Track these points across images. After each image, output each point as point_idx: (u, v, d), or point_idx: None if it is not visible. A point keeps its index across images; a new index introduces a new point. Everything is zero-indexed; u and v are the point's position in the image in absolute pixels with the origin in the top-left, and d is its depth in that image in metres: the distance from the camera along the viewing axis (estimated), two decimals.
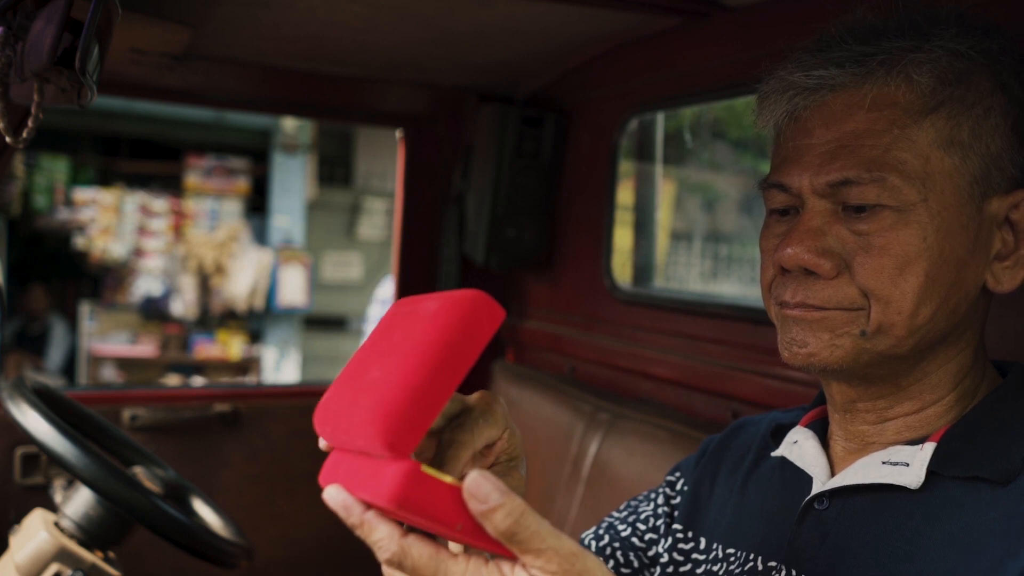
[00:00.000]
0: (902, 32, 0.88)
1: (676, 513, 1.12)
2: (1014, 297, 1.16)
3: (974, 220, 0.87)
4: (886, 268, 0.85)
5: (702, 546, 1.04)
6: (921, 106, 0.86)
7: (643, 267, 2.32)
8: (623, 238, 2.22)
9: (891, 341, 0.87)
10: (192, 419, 2.26)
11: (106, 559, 1.52)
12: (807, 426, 1.02)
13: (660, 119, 2.30)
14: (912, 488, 0.87)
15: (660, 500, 1.13)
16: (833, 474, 0.95)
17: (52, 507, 1.61)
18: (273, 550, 2.36)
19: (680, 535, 1.08)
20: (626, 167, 2.23)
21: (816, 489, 0.94)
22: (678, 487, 1.14)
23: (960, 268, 0.87)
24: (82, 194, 7.84)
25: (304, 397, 2.44)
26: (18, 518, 1.61)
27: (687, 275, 6.81)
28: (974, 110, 0.86)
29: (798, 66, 0.90)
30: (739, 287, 6.63)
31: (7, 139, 1.09)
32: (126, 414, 2.18)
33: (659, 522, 1.12)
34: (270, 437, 2.36)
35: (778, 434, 1.05)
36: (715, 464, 1.11)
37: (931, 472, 0.87)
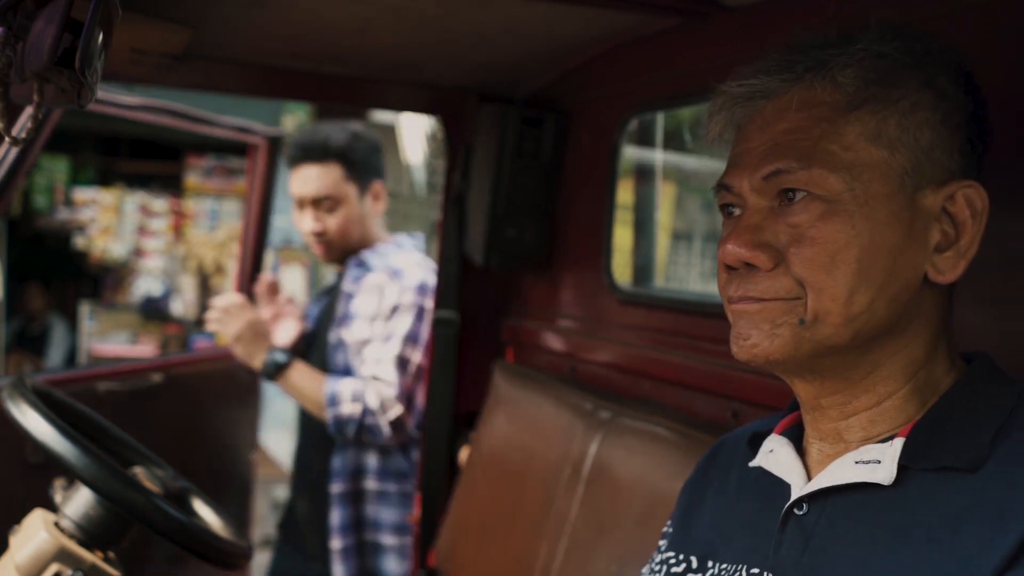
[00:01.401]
0: (830, 42, 0.94)
1: (663, 543, 1.13)
2: (994, 293, 1.17)
3: (906, 211, 0.90)
4: (818, 257, 0.90)
5: (695, 565, 1.05)
6: (846, 103, 0.91)
7: (643, 267, 2.32)
8: (623, 238, 2.22)
9: (829, 329, 0.90)
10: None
11: (106, 559, 1.52)
12: (782, 433, 1.03)
13: (660, 119, 2.30)
14: (886, 484, 0.89)
15: (655, 556, 1.14)
16: (810, 479, 0.97)
17: (52, 507, 1.61)
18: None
19: (672, 560, 1.09)
20: (626, 167, 2.23)
21: (794, 495, 0.96)
22: (666, 529, 1.16)
23: (894, 257, 0.90)
24: (82, 194, 7.83)
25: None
26: (34, 506, 1.62)
27: (687, 275, 6.81)
28: (899, 105, 0.90)
29: (735, 79, 0.97)
30: None
31: (6, 138, 1.09)
32: (102, 387, 2.30)
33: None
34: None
35: (755, 443, 1.07)
36: (703, 485, 1.13)
37: (902, 467, 0.89)
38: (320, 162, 2.68)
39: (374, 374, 2.55)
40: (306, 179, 2.69)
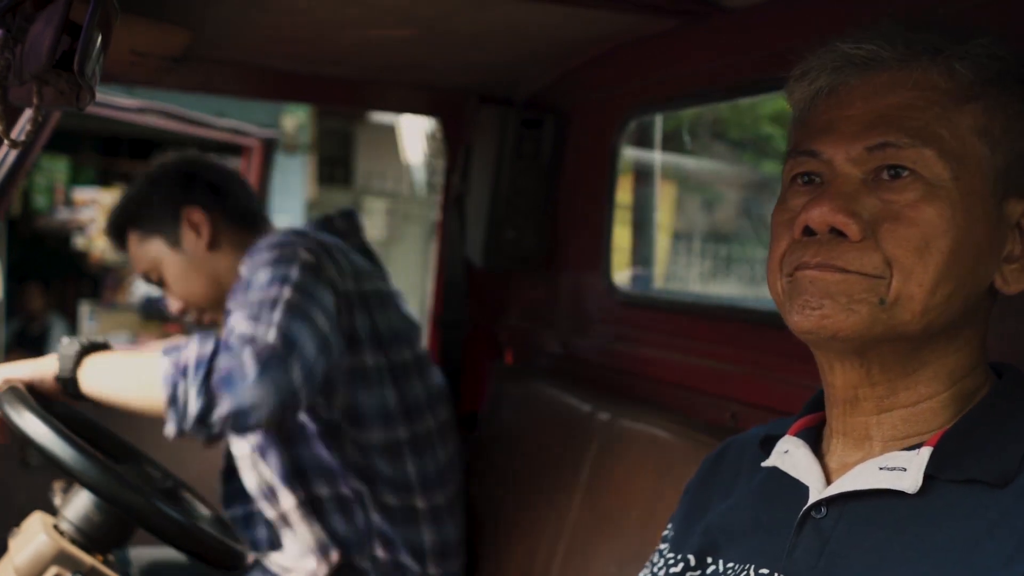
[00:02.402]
0: (946, 31, 0.91)
1: (664, 546, 1.12)
2: (1014, 298, 1.17)
3: (993, 213, 0.89)
4: (912, 238, 0.86)
5: (692, 563, 1.04)
6: (961, 94, 0.89)
7: (642, 268, 2.32)
8: (622, 239, 2.22)
9: (907, 315, 0.87)
10: None
11: (105, 562, 1.52)
12: (796, 435, 1.01)
13: (659, 120, 2.30)
14: (910, 493, 0.87)
15: (655, 558, 1.13)
16: (828, 483, 0.95)
17: (51, 509, 1.61)
18: None
19: (671, 559, 1.08)
20: (625, 168, 2.23)
21: (813, 498, 0.94)
22: (666, 532, 1.14)
23: (978, 255, 0.88)
24: (82, 194, 7.84)
25: None
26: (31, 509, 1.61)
27: (687, 275, 6.82)
28: (1008, 108, 0.89)
29: (848, 40, 0.92)
30: (739, 287, 6.64)
31: (5, 141, 1.09)
32: None
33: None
34: None
35: (767, 445, 1.05)
36: (707, 486, 1.11)
37: (928, 476, 0.87)
38: (119, 239, 2.17)
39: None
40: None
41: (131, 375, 1.70)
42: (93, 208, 7.73)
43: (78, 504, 1.52)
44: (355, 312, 1.90)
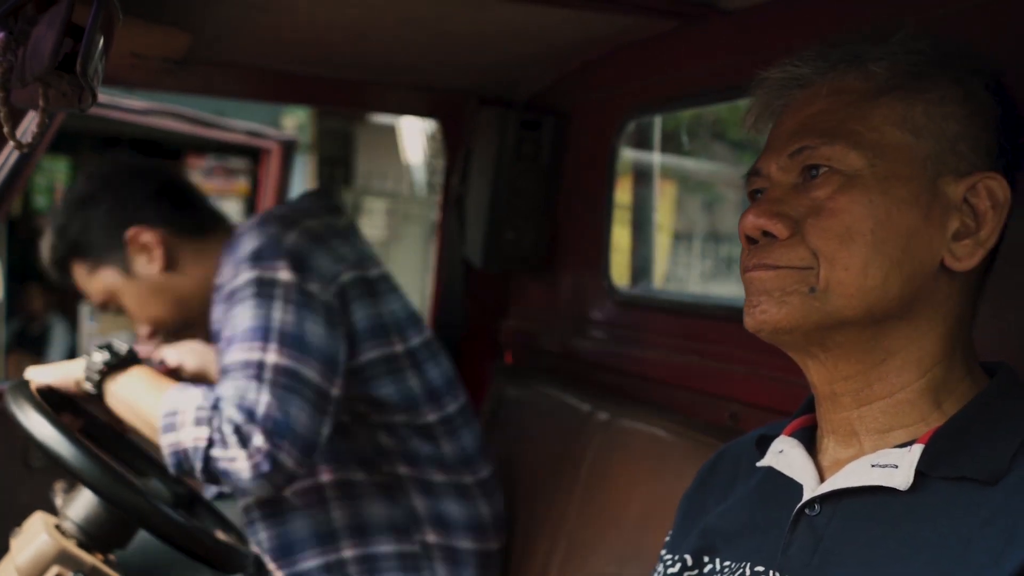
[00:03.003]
0: (866, 38, 0.98)
1: (663, 551, 1.13)
2: (1011, 294, 1.17)
3: (926, 194, 0.92)
4: (833, 228, 0.92)
5: (689, 563, 1.05)
6: (876, 91, 0.95)
7: (641, 268, 2.32)
8: (621, 240, 2.22)
9: (841, 300, 0.91)
10: None
11: (107, 562, 1.53)
12: (791, 435, 1.03)
13: (658, 121, 2.31)
14: (901, 490, 0.89)
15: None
16: (822, 481, 0.96)
17: (53, 510, 1.62)
18: None
19: (669, 560, 1.09)
20: (624, 169, 2.24)
21: (807, 496, 0.95)
22: (667, 540, 1.16)
23: (909, 236, 0.91)
24: None
25: None
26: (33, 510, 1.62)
27: (687, 275, 6.82)
28: (927, 95, 0.94)
29: (775, 68, 1.01)
30: (738, 288, 6.64)
31: (12, 143, 1.10)
32: None
33: None
34: None
35: (762, 444, 1.07)
36: (702, 494, 1.13)
37: (920, 473, 0.89)
38: (63, 272, 2.01)
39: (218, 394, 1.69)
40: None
41: (146, 423, 1.69)
42: None
43: (80, 504, 1.53)
44: (357, 303, 1.80)
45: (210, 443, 1.60)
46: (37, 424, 1.46)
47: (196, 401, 1.63)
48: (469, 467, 1.91)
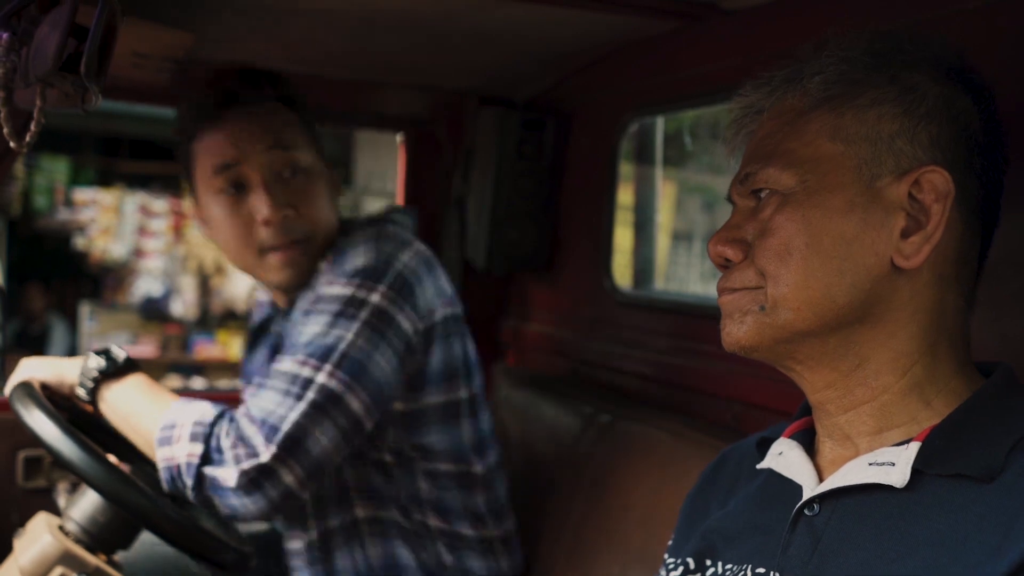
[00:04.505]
0: (807, 52, 1.01)
1: (666, 555, 1.14)
2: (1013, 297, 1.17)
3: (862, 198, 0.94)
4: (773, 247, 0.95)
5: (692, 566, 1.06)
6: (810, 106, 0.97)
7: (643, 269, 2.32)
8: (623, 240, 2.22)
9: (789, 315, 0.95)
10: None
11: (110, 562, 1.53)
12: (791, 437, 1.05)
13: (660, 121, 2.31)
14: (898, 487, 0.90)
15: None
16: (821, 481, 0.98)
17: (56, 510, 1.62)
18: None
19: (671, 564, 1.10)
20: (626, 169, 2.24)
21: (806, 496, 0.97)
22: (671, 543, 1.16)
23: (848, 243, 0.93)
24: (82, 194, 7.83)
25: None
26: (22, 521, 1.62)
27: (688, 276, 6.82)
28: (858, 101, 0.96)
29: (735, 98, 1.05)
30: None
31: (11, 144, 1.10)
32: None
33: None
34: None
35: (763, 447, 1.08)
36: (705, 496, 1.14)
37: (916, 471, 0.89)
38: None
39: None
40: None
41: (139, 435, 1.62)
42: (93, 208, 7.73)
43: (83, 505, 1.53)
44: (440, 343, 1.72)
45: (204, 459, 1.53)
46: (41, 424, 1.46)
47: (195, 416, 1.57)
48: (498, 519, 1.83)
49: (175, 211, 7.85)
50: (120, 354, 1.66)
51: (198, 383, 6.82)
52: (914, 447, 0.90)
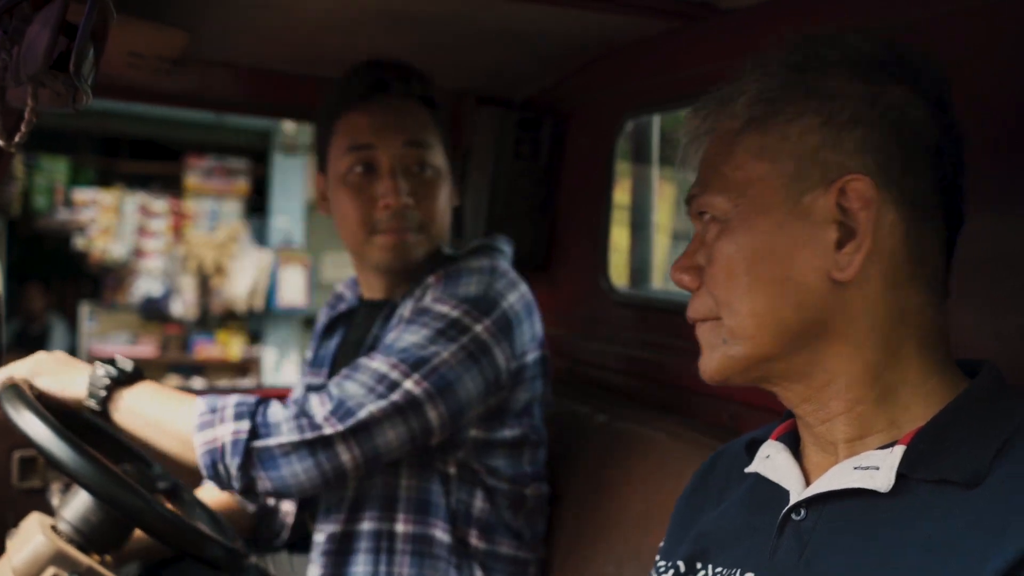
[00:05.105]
0: (744, 70, 0.98)
1: (658, 558, 1.13)
2: (1008, 297, 1.17)
3: (792, 216, 0.92)
4: (718, 274, 0.95)
5: (683, 569, 1.05)
6: (739, 127, 0.96)
7: (640, 269, 2.32)
8: (620, 240, 2.22)
9: (748, 344, 0.94)
10: None
11: (103, 563, 1.52)
12: (778, 439, 1.03)
13: (656, 120, 2.30)
14: (883, 492, 0.88)
15: None
16: (808, 484, 0.97)
17: (50, 511, 1.61)
18: None
19: (662, 567, 1.09)
20: (623, 169, 2.24)
21: (792, 500, 0.96)
22: (662, 544, 1.15)
23: (784, 263, 0.92)
24: (82, 194, 7.84)
25: None
26: (17, 522, 1.61)
27: None
28: (779, 117, 0.94)
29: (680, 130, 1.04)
30: None
31: (1, 142, 1.10)
32: None
33: None
34: None
35: (752, 449, 1.07)
36: (698, 497, 1.13)
37: (901, 475, 0.88)
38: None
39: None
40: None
41: (168, 433, 1.61)
42: (93, 208, 7.74)
43: (76, 505, 1.52)
44: (526, 384, 1.75)
45: (252, 435, 1.54)
46: (32, 425, 1.45)
47: (236, 399, 1.59)
48: (532, 548, 1.81)
49: (175, 211, 7.86)
50: (127, 363, 1.66)
51: (198, 383, 6.82)
52: (899, 451, 0.89)
